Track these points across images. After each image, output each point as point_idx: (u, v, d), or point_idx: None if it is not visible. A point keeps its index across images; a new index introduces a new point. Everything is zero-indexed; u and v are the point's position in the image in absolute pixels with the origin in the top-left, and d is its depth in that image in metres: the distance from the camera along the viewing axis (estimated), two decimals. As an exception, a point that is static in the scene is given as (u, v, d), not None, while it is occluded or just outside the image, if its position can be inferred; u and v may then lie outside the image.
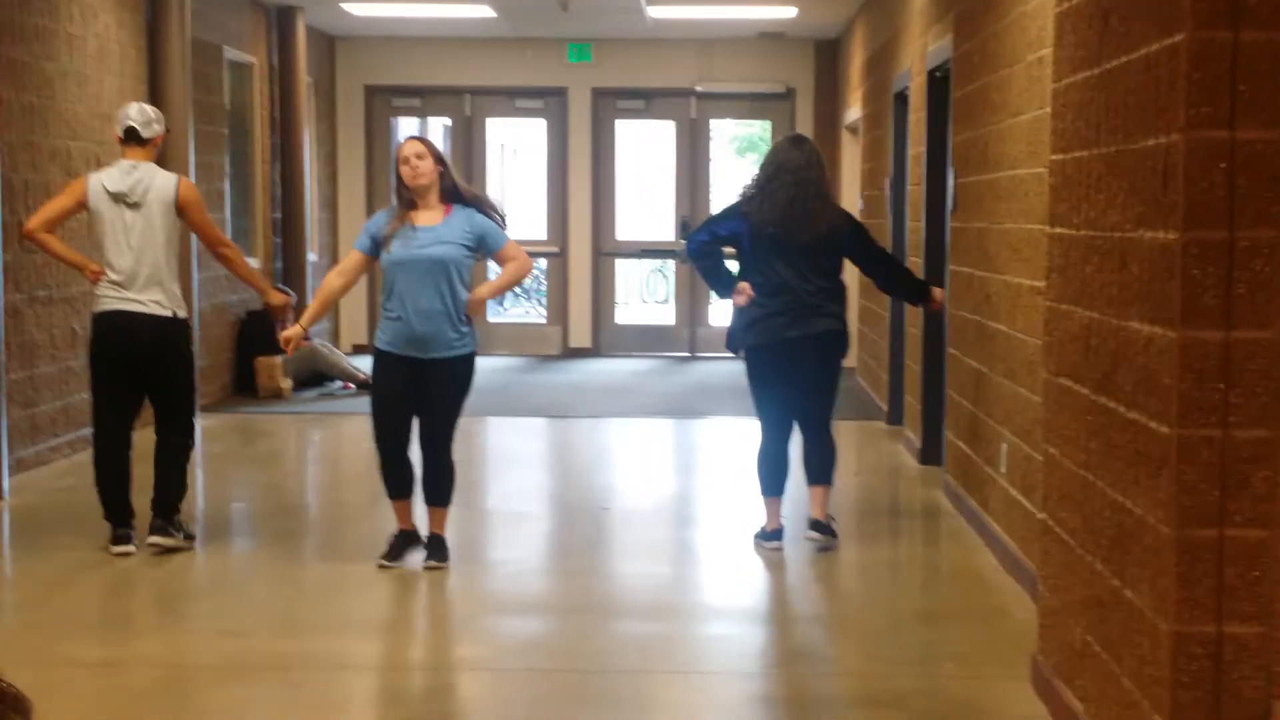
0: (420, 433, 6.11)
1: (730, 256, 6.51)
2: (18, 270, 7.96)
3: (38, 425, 8.25)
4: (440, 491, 6.14)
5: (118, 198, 6.22)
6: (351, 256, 6.21)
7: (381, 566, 6.08)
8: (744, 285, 6.39)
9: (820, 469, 6.51)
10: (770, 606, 5.96)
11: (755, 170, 6.56)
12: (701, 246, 6.49)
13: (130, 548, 6.28)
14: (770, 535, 6.52)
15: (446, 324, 5.93)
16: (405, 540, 6.19)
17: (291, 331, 6.14)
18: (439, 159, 6.01)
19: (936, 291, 6.93)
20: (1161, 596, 3.42)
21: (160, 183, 6.28)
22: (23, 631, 5.46)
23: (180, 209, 6.29)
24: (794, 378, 6.42)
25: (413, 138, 6.13)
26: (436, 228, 5.96)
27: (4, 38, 7.77)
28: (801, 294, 6.31)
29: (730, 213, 6.48)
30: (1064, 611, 4.29)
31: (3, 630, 5.53)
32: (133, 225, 6.21)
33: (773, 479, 6.53)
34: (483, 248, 6.04)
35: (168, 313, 6.26)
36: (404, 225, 5.97)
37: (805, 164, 6.35)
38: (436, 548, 6.14)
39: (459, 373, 6.02)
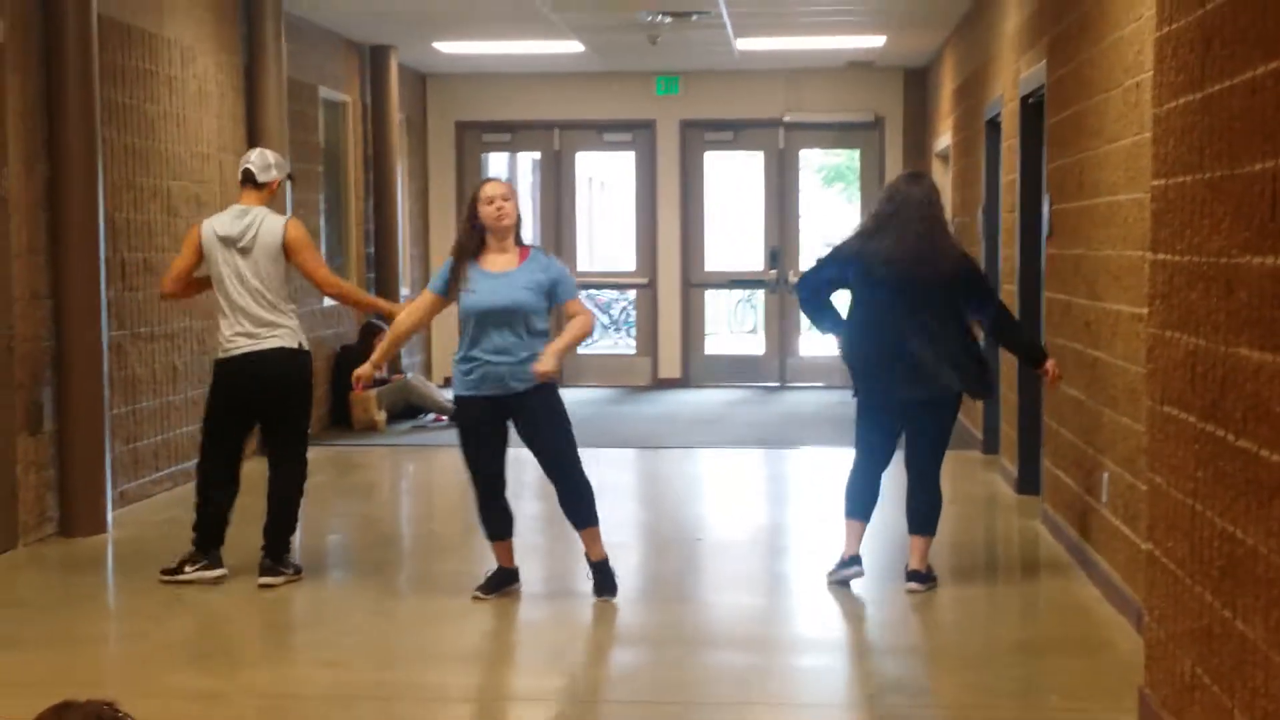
0: (542, 466, 6.13)
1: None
2: (120, 307, 8.13)
3: (140, 459, 8.40)
4: (583, 513, 6.12)
5: (227, 242, 6.36)
6: (423, 297, 6.21)
7: (475, 599, 6.12)
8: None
9: (923, 520, 6.34)
10: (866, 638, 5.91)
11: (872, 208, 6.35)
12: (816, 292, 6.29)
13: (213, 573, 6.40)
14: (846, 562, 6.39)
15: (526, 359, 5.91)
16: (503, 577, 6.20)
17: (361, 370, 6.22)
18: (517, 201, 6.05)
19: (1050, 364, 6.41)
20: (1275, 628, 3.35)
21: (269, 226, 6.39)
22: (129, 663, 5.55)
23: (287, 251, 6.40)
24: (903, 427, 6.29)
25: (494, 179, 6.17)
26: (515, 273, 5.94)
27: (106, 80, 7.96)
28: (919, 339, 6.05)
29: (843, 253, 6.24)
30: (1171, 643, 4.21)
31: (109, 661, 5.63)
32: (245, 269, 6.34)
33: (857, 502, 6.40)
34: (553, 295, 5.98)
35: (293, 345, 6.38)
36: (478, 269, 5.95)
37: (928, 200, 6.13)
38: (603, 578, 6.14)
39: (549, 399, 6.00)
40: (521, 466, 6.31)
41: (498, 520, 6.17)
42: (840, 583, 6.38)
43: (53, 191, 7.43)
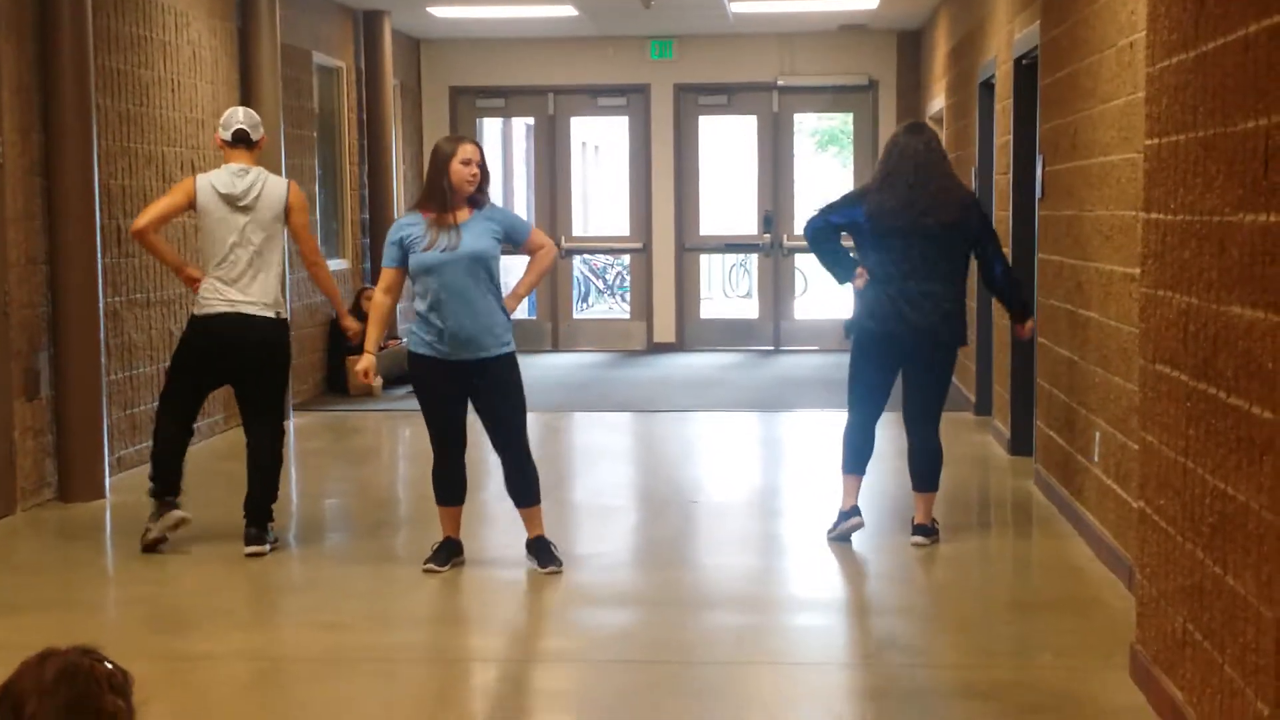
0: (492, 440, 6.08)
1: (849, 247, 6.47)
2: (116, 274, 8.13)
3: (137, 425, 8.42)
4: (529, 492, 6.09)
5: (230, 200, 6.30)
6: (388, 274, 6.01)
7: (427, 571, 6.05)
8: (861, 270, 6.35)
9: (928, 475, 6.42)
10: (862, 598, 5.95)
11: (877, 163, 6.48)
12: (818, 231, 6.39)
13: (186, 514, 6.40)
14: (845, 514, 6.48)
15: (492, 320, 5.88)
16: (450, 548, 6.14)
17: (364, 363, 6.06)
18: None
19: (1029, 323, 6.60)
20: (1266, 583, 3.38)
21: (273, 187, 6.38)
22: (126, 626, 5.58)
23: (288, 213, 6.39)
24: (902, 371, 6.37)
25: (473, 141, 6.02)
26: (470, 223, 5.90)
27: (101, 46, 7.94)
28: (923, 288, 6.20)
29: (848, 200, 6.41)
30: (1163, 600, 4.25)
31: (106, 625, 5.65)
32: (242, 228, 6.30)
33: (854, 456, 6.49)
34: (510, 239, 5.98)
35: (271, 314, 6.34)
36: (444, 225, 5.87)
37: (925, 149, 6.25)
38: (546, 553, 6.08)
39: (510, 371, 5.97)
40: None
41: (452, 485, 6.11)
42: (841, 538, 6.45)
43: (48, 158, 7.42)
